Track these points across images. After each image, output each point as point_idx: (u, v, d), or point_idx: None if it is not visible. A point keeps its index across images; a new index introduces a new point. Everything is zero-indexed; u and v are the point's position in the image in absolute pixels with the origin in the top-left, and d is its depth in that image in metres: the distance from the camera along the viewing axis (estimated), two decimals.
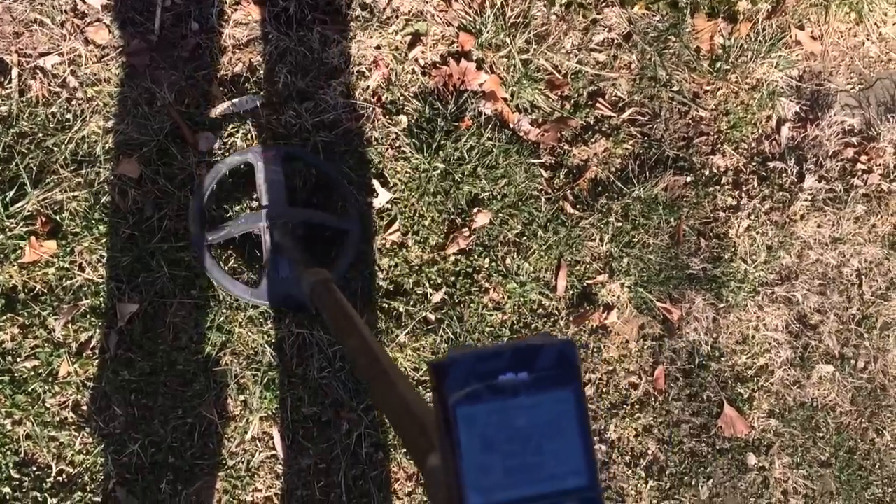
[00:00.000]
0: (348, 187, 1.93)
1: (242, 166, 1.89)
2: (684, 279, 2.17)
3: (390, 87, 2.03)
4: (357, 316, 1.19)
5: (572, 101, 2.15)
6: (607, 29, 2.19)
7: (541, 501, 0.53)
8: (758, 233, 2.24)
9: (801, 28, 2.37)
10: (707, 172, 2.23)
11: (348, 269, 1.92)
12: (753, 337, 2.23)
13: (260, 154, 1.84)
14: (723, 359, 2.20)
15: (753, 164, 2.28)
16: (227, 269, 1.87)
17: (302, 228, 1.85)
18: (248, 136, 1.93)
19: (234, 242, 1.90)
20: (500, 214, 2.05)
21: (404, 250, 1.99)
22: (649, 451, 2.10)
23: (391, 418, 0.85)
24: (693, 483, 2.11)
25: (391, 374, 0.88)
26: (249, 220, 1.82)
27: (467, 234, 2.01)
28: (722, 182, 2.24)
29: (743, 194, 2.25)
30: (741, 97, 2.27)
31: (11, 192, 1.78)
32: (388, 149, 2.01)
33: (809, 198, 2.29)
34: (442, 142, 2.02)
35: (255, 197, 1.88)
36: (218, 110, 1.93)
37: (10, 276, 1.77)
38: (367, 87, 2.02)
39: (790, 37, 2.35)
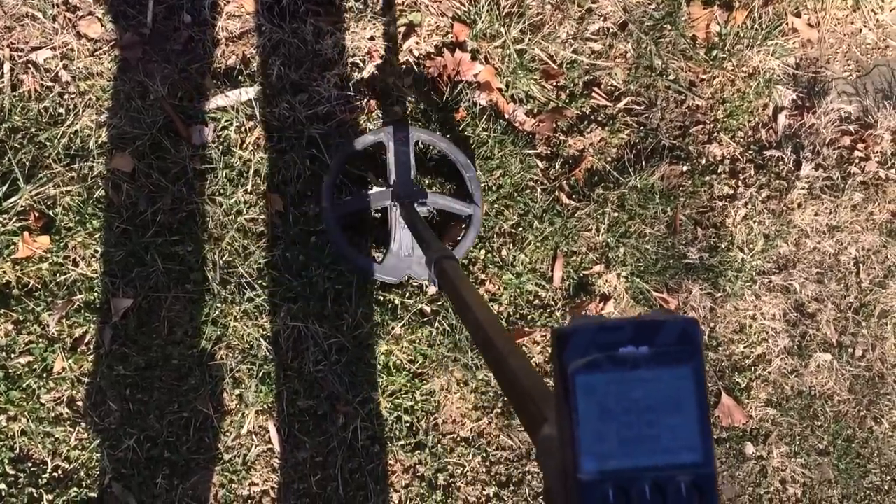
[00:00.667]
0: (474, 172, 1.96)
1: (372, 147, 1.94)
2: (681, 269, 2.16)
3: (385, 78, 2.02)
4: (477, 294, 1.21)
5: (568, 91, 2.14)
6: (602, 18, 2.18)
7: (655, 472, 0.53)
8: (755, 221, 2.23)
9: (798, 15, 2.36)
10: (703, 161, 2.22)
11: (467, 252, 1.97)
12: (751, 326, 2.22)
13: (391, 134, 1.89)
14: (720, 348, 2.19)
15: (750, 152, 2.27)
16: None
17: (426, 209, 1.90)
18: (242, 128, 1.92)
19: (357, 219, 1.95)
20: (496, 205, 2.05)
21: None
22: None
23: (505, 389, 0.87)
24: None
25: (510, 345, 0.91)
26: (378, 197, 1.87)
27: (463, 225, 2.00)
28: (718, 171, 2.23)
29: (740, 183, 2.24)
30: (737, 85, 2.26)
31: (4, 188, 1.77)
32: None
33: (806, 186, 2.28)
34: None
35: (383, 176, 1.92)
36: (211, 103, 1.92)
37: (4, 272, 1.76)
38: (362, 79, 2.01)
39: (787, 24, 2.34)
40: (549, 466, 0.61)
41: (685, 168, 2.19)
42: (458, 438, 1.95)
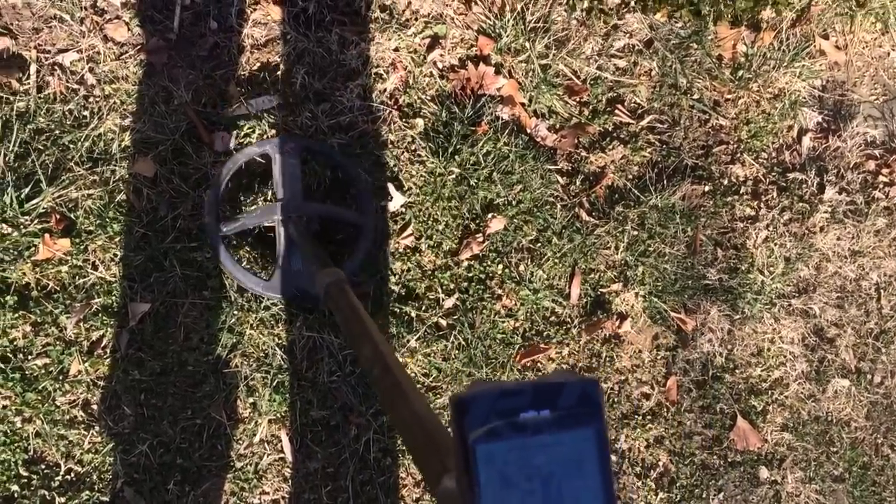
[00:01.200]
0: (366, 183, 1.92)
1: (260, 158, 1.88)
2: (700, 289, 2.15)
3: (408, 89, 2.02)
4: (371, 322, 1.17)
5: (591, 108, 2.13)
6: (628, 35, 2.16)
7: None
8: (776, 244, 2.21)
9: (826, 37, 2.34)
10: (726, 182, 2.20)
11: (361, 266, 1.91)
12: (769, 349, 2.20)
13: (278, 146, 1.83)
14: (737, 371, 2.17)
15: (773, 174, 2.25)
16: (239, 261, 1.86)
17: (317, 223, 1.84)
18: (265, 136, 1.92)
19: (248, 235, 1.89)
20: (515, 220, 2.04)
21: (417, 255, 1.97)
22: (660, 463, 2.08)
23: (402, 432, 0.85)
24: (704, 496, 2.09)
25: (404, 386, 0.87)
26: (265, 212, 1.81)
27: (481, 239, 2.00)
28: (741, 192, 2.21)
29: (762, 205, 2.22)
30: (762, 106, 2.24)
31: (27, 189, 1.77)
32: (403, 152, 2.00)
33: (829, 210, 2.26)
34: (458, 146, 2.00)
35: (270, 190, 1.87)
36: (235, 110, 1.92)
37: (24, 274, 1.77)
38: (385, 90, 2.01)
39: (814, 46, 2.32)
40: None
41: (707, 188, 2.17)
42: None
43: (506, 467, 0.52)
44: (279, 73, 1.97)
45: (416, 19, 2.04)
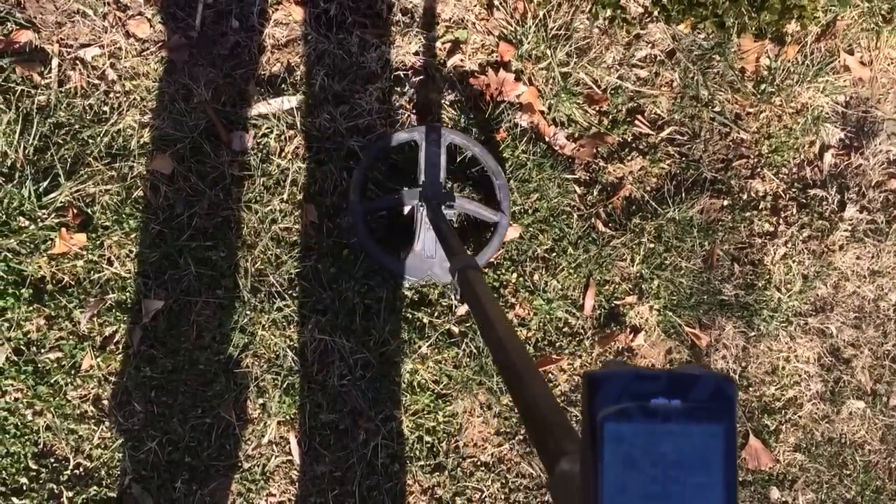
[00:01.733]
0: (504, 180, 1.95)
1: (408, 144, 1.94)
2: (715, 305, 2.12)
3: (427, 94, 2.01)
4: (499, 308, 1.18)
5: (610, 117, 2.11)
6: (650, 45, 2.15)
7: None
8: (794, 261, 2.18)
9: (851, 53, 2.31)
10: (745, 196, 2.18)
11: (489, 260, 1.95)
12: (783, 368, 2.17)
13: (424, 134, 1.89)
14: (751, 389, 2.15)
15: (793, 190, 2.23)
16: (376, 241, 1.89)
17: (453, 212, 1.87)
18: (282, 137, 1.92)
19: (385, 219, 1.95)
20: (531, 229, 2.02)
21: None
22: None
23: (523, 415, 0.85)
24: None
25: (527, 372, 0.88)
26: (406, 196, 1.86)
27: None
28: (760, 207, 2.19)
29: (781, 221, 2.19)
30: (784, 121, 2.22)
31: (45, 183, 1.78)
32: None
33: (850, 228, 2.23)
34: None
35: (413, 175, 1.92)
36: (253, 110, 1.92)
37: (39, 267, 1.77)
38: (404, 94, 2.00)
39: (839, 61, 2.29)
40: (563, 503, 0.60)
41: (726, 202, 2.15)
42: (479, 462, 1.93)
43: (632, 449, 0.52)
44: (299, 73, 1.96)
45: (438, 24, 2.03)
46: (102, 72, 1.89)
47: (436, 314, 1.94)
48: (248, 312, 1.85)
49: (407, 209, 1.89)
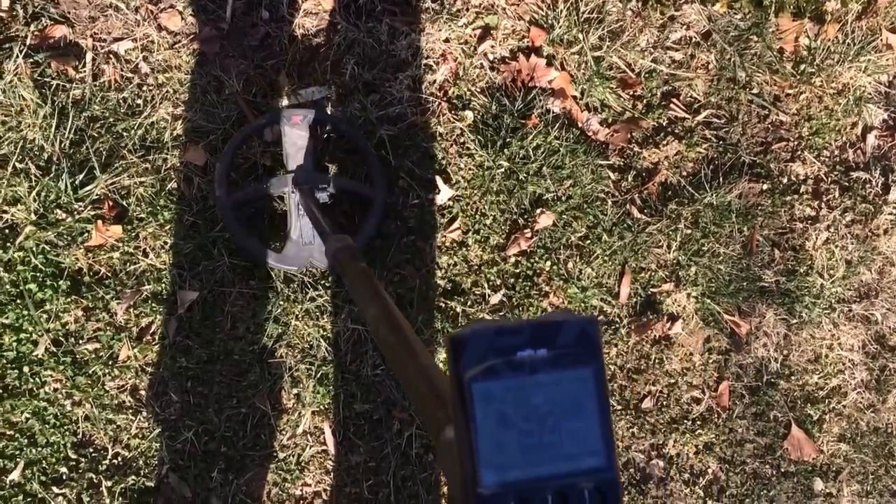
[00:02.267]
0: (374, 155, 1.89)
1: (270, 130, 1.88)
2: (755, 292, 2.07)
3: (457, 81, 1.99)
4: (378, 285, 1.17)
5: (645, 102, 2.07)
6: (685, 27, 2.10)
7: (557, 481, 0.52)
8: (837, 246, 2.12)
9: (894, 31, 2.24)
10: (785, 180, 2.12)
11: (371, 238, 1.88)
12: (827, 356, 2.12)
13: (288, 118, 1.81)
14: (793, 377, 2.10)
15: (835, 173, 2.17)
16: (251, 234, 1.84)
17: (326, 195, 1.82)
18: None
19: (258, 206, 1.88)
20: (564, 216, 2.00)
21: (464, 249, 1.95)
22: (709, 470, 2.02)
23: (408, 389, 0.85)
24: None
25: (411, 344, 0.87)
26: (275, 183, 1.81)
27: (529, 235, 1.96)
28: (801, 191, 2.13)
29: (823, 205, 2.13)
30: (825, 102, 2.16)
31: (81, 176, 1.80)
32: (452, 145, 1.97)
33: (894, 211, 2.17)
34: (507, 139, 1.97)
35: (281, 161, 1.86)
36: (284, 100, 1.92)
37: (77, 259, 1.79)
38: (434, 81, 1.98)
39: (881, 40, 2.22)
40: (451, 472, 0.60)
41: (765, 187, 2.10)
42: None
43: (503, 406, 0.52)
44: (329, 63, 1.96)
45: (468, 10, 2.01)
46: (135, 65, 1.90)
47: (469, 303, 1.93)
48: (281, 303, 1.86)
49: (279, 195, 1.82)
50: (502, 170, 1.97)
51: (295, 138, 1.81)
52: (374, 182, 1.87)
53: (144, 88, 1.90)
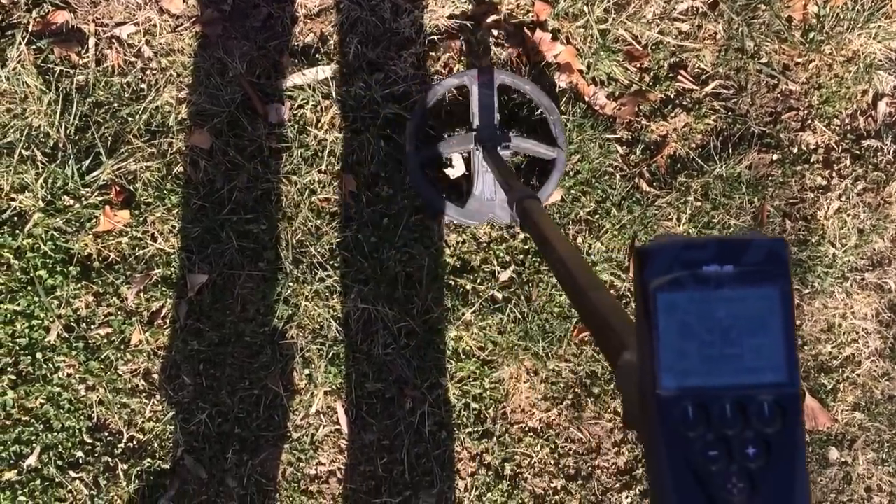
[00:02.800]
0: (558, 115, 1.93)
1: (458, 90, 1.93)
2: None
3: (462, 58, 1.98)
4: (559, 232, 1.22)
5: (652, 74, 2.05)
6: None
7: (736, 391, 0.52)
8: (849, 215, 2.10)
9: None
10: (795, 150, 2.10)
11: (550, 196, 1.93)
12: (840, 325, 2.10)
13: (476, 77, 1.87)
14: (806, 347, 2.08)
15: (846, 141, 2.14)
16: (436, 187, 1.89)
17: (510, 152, 1.86)
18: (318, 107, 1.91)
19: (444, 162, 1.93)
20: (573, 191, 1.98)
21: (472, 226, 1.94)
22: None
23: (585, 320, 0.88)
24: None
25: (591, 279, 0.92)
26: (461, 140, 1.85)
27: None
28: (811, 160, 2.11)
29: (834, 174, 2.11)
30: (835, 70, 2.13)
31: (87, 162, 1.80)
32: (458, 122, 1.96)
33: None
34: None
35: (467, 120, 1.89)
36: (288, 81, 1.91)
37: (86, 245, 1.80)
38: (439, 59, 1.97)
39: (891, 6, 2.18)
40: (628, 391, 0.61)
41: (775, 157, 2.08)
42: (527, 428, 1.91)
43: (686, 317, 0.52)
44: (332, 42, 1.94)
45: None
46: (138, 49, 1.89)
47: (478, 280, 1.92)
48: (290, 284, 1.86)
49: (462, 155, 1.89)
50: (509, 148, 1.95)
51: (482, 97, 1.86)
52: (556, 141, 1.91)
53: (148, 73, 1.89)
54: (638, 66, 2.04)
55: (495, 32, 1.99)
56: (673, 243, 0.53)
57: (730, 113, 2.07)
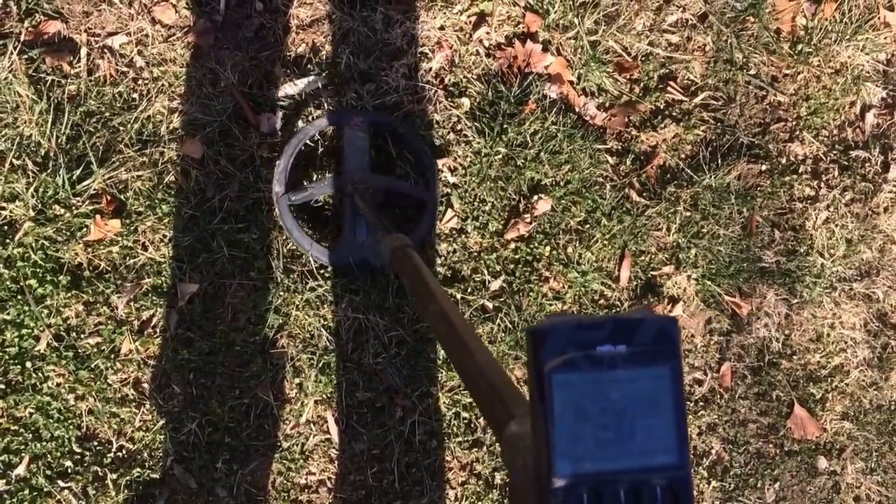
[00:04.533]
0: (431, 158, 1.92)
1: (328, 131, 1.91)
2: (756, 273, 2.07)
3: (453, 68, 1.99)
4: (436, 282, 1.19)
5: (642, 85, 2.07)
6: (681, 9, 2.09)
7: (630, 475, 0.52)
8: (837, 225, 2.12)
9: (891, 9, 2.23)
10: (784, 161, 2.12)
11: (424, 239, 1.91)
12: (828, 335, 2.12)
13: (347, 119, 1.86)
14: (794, 357, 2.10)
15: (834, 152, 2.16)
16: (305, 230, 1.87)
17: (381, 195, 1.85)
18: (310, 117, 1.92)
19: (311, 209, 1.91)
20: (563, 201, 1.99)
21: (463, 236, 1.95)
22: (713, 451, 2.02)
23: (469, 385, 0.87)
24: (758, 485, 2.03)
25: (469, 342, 0.89)
26: (331, 183, 1.84)
27: (528, 220, 1.96)
28: (800, 171, 2.13)
29: (822, 184, 2.13)
30: (823, 82, 2.15)
31: (78, 171, 1.80)
32: (449, 132, 1.97)
33: (894, 189, 2.16)
34: (504, 126, 1.96)
35: (337, 161, 1.88)
36: (280, 91, 1.92)
37: (76, 254, 1.80)
38: (430, 69, 1.98)
39: (878, 18, 2.21)
40: (515, 465, 0.60)
41: (764, 167, 2.10)
42: None
43: (581, 399, 0.52)
44: (324, 53, 1.95)
45: None
46: (130, 59, 1.90)
47: (469, 290, 1.93)
48: (281, 293, 1.86)
49: (332, 196, 1.87)
50: (500, 156, 1.97)
51: (354, 139, 1.85)
52: (428, 184, 1.90)
53: (140, 82, 1.89)
54: (628, 77, 2.05)
55: (485, 43, 2.00)
56: (566, 323, 0.53)
57: (719, 124, 2.09)
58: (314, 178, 1.90)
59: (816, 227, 2.11)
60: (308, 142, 1.89)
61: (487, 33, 2.00)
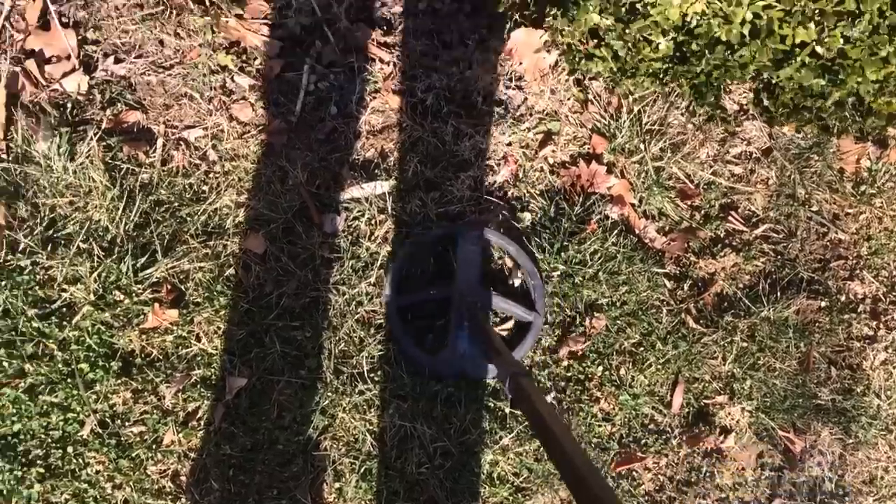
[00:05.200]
0: (540, 280, 1.93)
1: (444, 240, 1.94)
2: (811, 409, 2.02)
3: (517, 183, 2.01)
4: (554, 415, 1.21)
5: (703, 212, 2.08)
6: (746, 142, 2.12)
7: None
8: (895, 367, 2.08)
9: None
10: (843, 298, 2.10)
11: (524, 355, 1.92)
12: (882, 478, 2.05)
13: (462, 233, 1.91)
14: (847, 498, 2.02)
15: (894, 293, 2.14)
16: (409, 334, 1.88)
17: (487, 310, 1.88)
18: (373, 221, 1.94)
19: (420, 314, 1.93)
20: (618, 322, 1.98)
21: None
22: None
23: None
24: None
25: (590, 477, 0.91)
26: (441, 292, 1.88)
27: (582, 339, 1.94)
28: (859, 310, 2.10)
29: (881, 325, 2.10)
30: (885, 223, 2.15)
31: (143, 259, 1.82)
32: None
33: None
34: (565, 243, 1.97)
35: (449, 272, 1.92)
36: (347, 193, 1.95)
37: (130, 341, 1.80)
38: (495, 182, 2.00)
39: None
40: None
41: (823, 304, 2.07)
42: None
43: None
44: (392, 159, 1.99)
45: (531, 115, 2.05)
46: (204, 152, 1.94)
47: None
48: (329, 394, 1.84)
49: (438, 305, 1.90)
50: (558, 272, 1.96)
51: (468, 253, 1.90)
52: (535, 306, 1.92)
53: (211, 175, 1.93)
54: (689, 203, 2.06)
55: (550, 160, 2.03)
56: None
57: (779, 256, 2.08)
58: (423, 287, 1.92)
59: (874, 367, 2.07)
60: (420, 251, 1.92)
61: (553, 151, 2.03)
